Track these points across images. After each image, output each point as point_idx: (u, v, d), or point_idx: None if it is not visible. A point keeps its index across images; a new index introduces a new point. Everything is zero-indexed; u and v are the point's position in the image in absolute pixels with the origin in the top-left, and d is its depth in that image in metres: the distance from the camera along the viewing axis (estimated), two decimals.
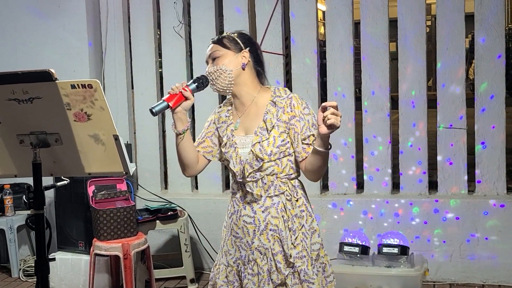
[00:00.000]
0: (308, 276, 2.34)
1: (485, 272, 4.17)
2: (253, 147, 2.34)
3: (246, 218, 2.38)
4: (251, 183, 2.35)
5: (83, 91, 1.99)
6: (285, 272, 2.34)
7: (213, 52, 2.39)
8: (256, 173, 2.34)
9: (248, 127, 2.41)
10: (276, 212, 2.35)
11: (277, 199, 2.36)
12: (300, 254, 2.35)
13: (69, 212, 4.29)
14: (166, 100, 2.29)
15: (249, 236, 2.37)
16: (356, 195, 4.49)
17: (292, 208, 2.38)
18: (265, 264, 2.36)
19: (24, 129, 2.10)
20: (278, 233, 2.35)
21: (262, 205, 2.36)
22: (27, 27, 4.85)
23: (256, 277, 2.36)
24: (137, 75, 4.88)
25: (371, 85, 4.42)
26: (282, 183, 2.37)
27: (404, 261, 3.77)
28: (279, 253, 2.35)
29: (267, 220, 2.35)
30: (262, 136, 2.35)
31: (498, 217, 4.15)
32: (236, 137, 2.41)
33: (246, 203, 2.38)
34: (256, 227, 2.36)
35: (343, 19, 4.43)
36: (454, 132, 4.28)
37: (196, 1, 4.70)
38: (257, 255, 2.36)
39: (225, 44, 2.39)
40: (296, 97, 2.40)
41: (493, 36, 4.15)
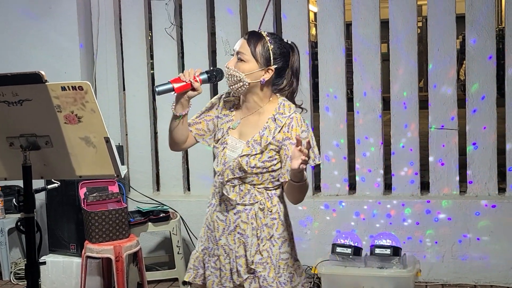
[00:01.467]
0: (267, 283, 2.35)
1: (477, 272, 4.19)
2: (241, 158, 2.33)
3: (219, 215, 2.42)
4: (229, 187, 2.36)
5: (73, 93, 1.98)
6: (244, 276, 2.37)
7: (241, 53, 2.32)
8: (235, 180, 2.35)
9: (243, 132, 2.39)
10: (246, 218, 2.37)
11: (250, 207, 2.37)
12: (262, 261, 2.36)
13: (60, 214, 4.27)
14: (172, 82, 2.25)
15: (218, 232, 2.41)
16: (348, 196, 4.49)
17: (263, 217, 2.36)
18: (227, 263, 2.40)
19: (14, 131, 2.09)
20: (244, 238, 2.37)
21: (235, 208, 2.38)
22: (18, 29, 4.82)
23: (218, 272, 2.42)
24: (128, 76, 4.86)
25: (363, 86, 4.42)
26: (258, 193, 2.36)
27: (396, 262, 3.77)
28: (242, 257, 2.37)
29: (237, 223, 2.38)
30: (252, 150, 2.33)
31: (490, 218, 4.17)
32: (229, 137, 2.39)
33: (223, 201, 2.41)
34: (226, 226, 2.40)
35: (335, 20, 4.43)
36: (445, 133, 4.29)
37: (187, 3, 4.69)
38: (221, 252, 2.41)
39: (256, 52, 2.30)
40: (297, 118, 2.34)
41: (484, 37, 4.17)
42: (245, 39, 2.34)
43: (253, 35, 2.34)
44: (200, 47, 4.68)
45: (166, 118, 4.72)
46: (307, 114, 4.52)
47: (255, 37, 2.33)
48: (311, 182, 4.57)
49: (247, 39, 2.34)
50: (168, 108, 4.68)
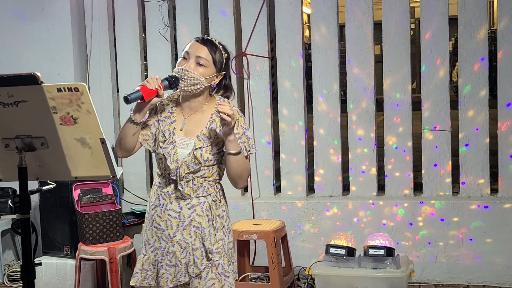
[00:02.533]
0: (225, 270, 2.52)
1: (470, 272, 4.21)
2: (195, 151, 2.46)
3: (172, 213, 2.50)
4: (183, 183, 2.47)
5: (69, 95, 1.98)
6: (200, 267, 2.49)
7: (202, 58, 2.45)
8: (190, 174, 2.47)
9: (190, 130, 2.51)
10: (201, 211, 2.50)
11: (203, 199, 2.51)
12: (218, 250, 2.52)
13: (54, 216, 4.26)
14: (141, 91, 2.31)
15: (171, 229, 2.50)
16: (342, 197, 4.51)
17: (216, 208, 2.53)
18: (183, 257, 2.49)
19: (9, 132, 2.08)
20: (200, 230, 2.50)
21: (189, 203, 2.50)
22: (11, 30, 4.81)
23: (173, 268, 2.50)
24: (122, 78, 4.85)
25: (356, 87, 4.44)
26: (209, 186, 2.52)
27: (390, 262, 3.79)
28: (198, 249, 2.49)
29: (192, 217, 2.50)
30: (203, 143, 2.48)
31: (482, 218, 4.19)
32: (176, 136, 2.50)
33: (174, 199, 2.50)
34: (180, 222, 2.50)
35: (328, 22, 4.45)
36: (438, 134, 4.31)
37: (181, 4, 4.69)
38: (177, 248, 2.49)
39: (215, 59, 2.48)
40: (238, 111, 2.52)
41: (476, 39, 4.20)
42: (202, 44, 2.47)
43: (209, 42, 2.49)
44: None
45: None
46: (301, 115, 4.54)
47: (213, 45, 2.49)
48: (305, 183, 4.58)
49: (206, 46, 2.47)
50: None
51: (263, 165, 4.63)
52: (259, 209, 4.56)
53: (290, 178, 4.60)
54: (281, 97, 4.59)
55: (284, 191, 4.63)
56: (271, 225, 4.02)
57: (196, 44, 2.48)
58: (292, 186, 4.60)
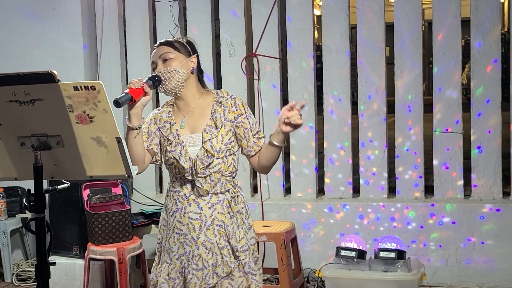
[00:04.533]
0: (251, 269, 2.48)
1: (481, 276, 4.18)
2: (205, 144, 2.43)
3: (192, 215, 2.46)
4: (201, 179, 2.43)
5: (86, 93, 1.97)
6: (231, 265, 2.45)
7: (165, 53, 2.46)
8: (206, 170, 2.43)
9: (194, 126, 2.49)
10: (222, 208, 2.46)
11: (222, 196, 2.47)
12: (243, 248, 2.48)
13: (63, 216, 4.25)
14: (129, 92, 2.30)
15: (194, 231, 2.45)
16: (352, 199, 4.48)
17: (235, 205, 2.50)
18: (210, 258, 2.44)
19: (25, 131, 2.07)
20: (224, 228, 2.45)
21: (208, 202, 2.46)
22: (22, 30, 4.81)
23: (200, 272, 2.43)
24: (132, 78, 4.79)
25: (367, 89, 4.42)
26: (227, 181, 2.48)
27: (401, 265, 3.76)
28: (225, 247, 2.45)
29: (214, 216, 2.45)
30: (211, 134, 2.45)
31: (494, 222, 4.16)
32: (182, 136, 2.47)
33: (192, 200, 2.46)
34: (202, 222, 2.45)
35: (340, 23, 4.43)
36: (450, 136, 4.29)
37: (192, 4, 4.68)
38: (202, 250, 2.44)
39: (176, 47, 2.48)
40: (238, 98, 2.53)
41: (489, 41, 4.17)
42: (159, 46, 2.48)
43: (164, 42, 2.50)
44: (205, 49, 4.67)
45: None
46: (311, 117, 4.52)
47: (167, 41, 2.50)
48: (315, 185, 4.56)
49: (163, 43, 2.48)
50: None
51: (273, 167, 4.58)
52: (269, 211, 4.54)
53: (300, 179, 4.58)
54: (292, 99, 4.57)
55: (294, 193, 4.62)
56: (280, 226, 4.00)
57: (155, 51, 2.49)
58: (302, 188, 4.58)
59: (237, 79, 4.60)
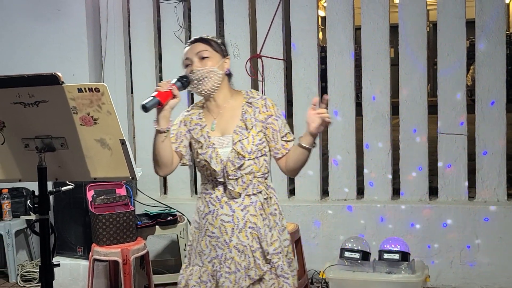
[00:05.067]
0: (284, 272, 2.43)
1: (486, 278, 4.17)
2: (235, 146, 2.40)
3: (224, 217, 2.42)
4: (233, 181, 2.41)
5: (90, 95, 1.98)
6: (264, 268, 2.41)
7: (203, 51, 2.41)
8: (237, 171, 2.40)
9: (224, 128, 2.46)
10: (254, 211, 2.42)
11: (255, 198, 2.43)
12: (276, 251, 2.43)
13: (67, 217, 4.26)
14: (156, 96, 2.27)
15: (226, 234, 2.42)
16: (356, 200, 4.48)
17: (268, 206, 2.46)
18: (243, 260, 2.41)
19: (29, 133, 2.08)
20: (256, 231, 2.41)
21: (241, 204, 2.42)
22: (26, 31, 4.82)
23: (233, 275, 2.40)
24: (136, 79, 4.86)
25: (371, 90, 4.42)
26: (259, 182, 2.45)
27: (405, 267, 3.75)
28: (257, 250, 2.41)
29: (246, 218, 2.41)
30: (241, 135, 2.41)
31: (499, 223, 4.15)
32: (213, 138, 2.44)
33: (224, 203, 2.43)
34: (234, 225, 2.41)
35: (344, 25, 4.43)
36: (454, 138, 4.28)
37: (196, 6, 4.69)
38: (235, 252, 2.41)
39: (213, 46, 2.44)
40: (269, 98, 2.50)
41: (494, 42, 4.16)
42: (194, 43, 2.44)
43: (199, 38, 2.46)
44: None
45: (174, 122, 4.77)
46: None
47: (203, 38, 2.46)
48: (319, 186, 4.56)
49: (198, 42, 2.44)
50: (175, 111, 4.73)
51: (277, 168, 4.58)
52: None
53: (304, 181, 4.57)
54: (296, 100, 4.57)
55: (298, 194, 4.61)
56: None
57: (190, 46, 2.44)
58: (306, 189, 4.58)
59: (241, 81, 4.59)
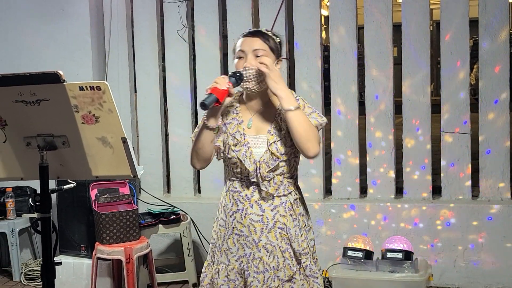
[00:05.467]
0: (313, 271, 2.43)
1: (489, 277, 4.16)
2: (270, 147, 2.36)
3: (254, 217, 2.39)
4: (266, 182, 2.36)
5: (91, 93, 1.98)
6: (294, 268, 2.39)
7: (261, 49, 2.35)
8: (270, 173, 2.36)
9: (259, 127, 2.41)
10: (284, 211, 2.40)
11: (285, 199, 2.41)
12: (305, 251, 2.42)
13: (71, 215, 4.27)
14: (215, 93, 2.20)
15: (255, 234, 2.38)
16: (359, 199, 4.48)
17: (297, 207, 2.44)
18: (272, 261, 2.38)
19: (31, 131, 2.09)
20: (286, 231, 2.39)
21: (271, 204, 2.39)
22: (30, 31, 4.83)
23: (261, 275, 2.38)
24: (140, 78, 4.86)
25: (374, 89, 4.41)
26: (289, 183, 2.42)
27: (408, 266, 3.75)
28: (286, 250, 2.39)
29: (276, 219, 2.39)
30: (276, 136, 2.37)
31: (502, 222, 4.14)
32: (248, 136, 2.40)
33: (254, 202, 2.39)
34: (264, 225, 2.39)
35: (347, 24, 4.42)
36: (458, 137, 4.27)
37: (199, 5, 4.69)
38: (264, 252, 2.38)
39: (271, 46, 2.38)
40: (302, 99, 2.44)
41: (498, 41, 4.15)
42: (253, 36, 2.37)
43: (259, 32, 2.40)
44: (212, 49, 4.68)
45: (177, 121, 4.79)
46: None
47: (263, 33, 2.40)
48: (322, 185, 4.56)
49: (257, 37, 2.37)
50: (178, 110, 4.76)
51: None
52: None
53: (307, 180, 4.57)
54: None
55: None
56: None
57: (247, 39, 2.37)
58: (309, 188, 4.57)
59: None
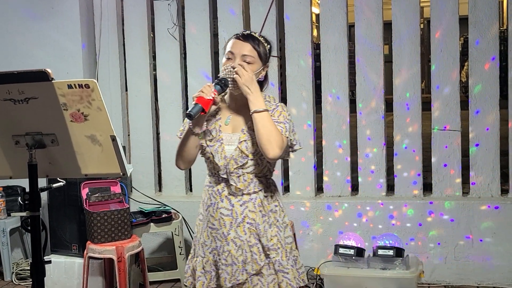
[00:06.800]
0: (283, 267, 2.48)
1: (480, 274, 4.18)
2: (240, 144, 2.44)
3: (224, 211, 2.48)
4: (235, 178, 2.45)
5: (80, 91, 1.97)
6: (260, 263, 2.46)
7: (249, 56, 2.42)
8: (239, 169, 2.45)
9: (236, 125, 2.49)
10: (253, 207, 2.48)
11: (255, 195, 2.49)
12: (275, 246, 2.48)
13: (62, 214, 4.25)
14: (200, 103, 2.30)
15: (225, 227, 2.47)
16: (350, 197, 4.49)
17: (268, 204, 2.51)
18: (240, 255, 2.46)
19: (19, 129, 2.08)
20: (255, 227, 2.47)
21: (240, 199, 2.48)
22: (20, 29, 4.81)
23: (230, 267, 2.46)
24: (131, 77, 4.85)
25: (365, 87, 4.42)
26: (260, 181, 2.50)
27: (399, 263, 3.76)
28: (255, 245, 2.47)
29: (245, 214, 2.47)
30: (248, 135, 2.45)
31: (493, 219, 4.16)
32: (223, 133, 2.49)
33: (224, 197, 2.48)
34: (233, 219, 2.47)
35: (338, 22, 4.43)
36: (448, 134, 4.29)
37: (190, 3, 4.68)
38: (232, 246, 2.46)
39: (261, 54, 2.44)
40: (283, 105, 2.51)
41: (487, 39, 4.17)
42: (245, 41, 2.42)
43: (251, 37, 2.45)
44: (203, 48, 4.68)
45: (168, 119, 4.78)
46: (310, 115, 4.53)
47: (255, 39, 2.45)
48: (313, 183, 4.57)
49: (248, 42, 2.43)
50: (170, 109, 4.76)
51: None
52: None
53: (299, 178, 4.58)
54: (290, 97, 4.58)
55: (293, 191, 4.62)
56: None
57: (239, 42, 2.43)
58: (300, 186, 4.58)
59: None
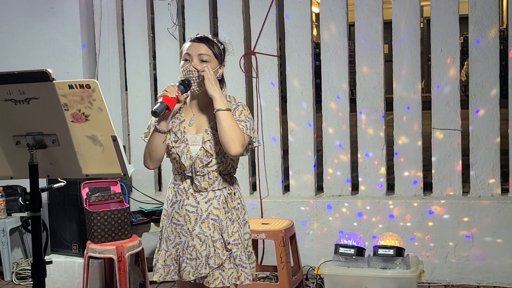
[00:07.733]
0: (242, 261, 2.62)
1: (480, 273, 4.18)
2: (204, 144, 2.57)
3: (189, 208, 2.60)
4: (199, 177, 2.58)
5: (80, 92, 1.97)
6: (223, 257, 2.58)
7: (205, 54, 2.57)
8: (204, 168, 2.56)
9: (200, 126, 2.61)
10: (218, 204, 2.60)
11: (219, 192, 2.61)
12: (236, 241, 2.61)
13: (62, 214, 4.25)
14: (165, 101, 2.44)
15: (190, 223, 2.60)
16: (351, 196, 4.49)
17: (231, 201, 2.64)
18: (204, 250, 2.58)
19: (20, 130, 2.07)
20: (218, 223, 2.60)
21: (205, 197, 2.60)
22: (20, 29, 4.81)
23: (194, 261, 2.59)
24: (131, 76, 4.85)
25: (365, 86, 4.42)
26: (224, 179, 2.62)
27: (399, 262, 3.76)
28: (218, 240, 2.59)
29: (209, 210, 2.60)
30: (212, 135, 2.57)
31: (493, 218, 4.16)
32: (187, 134, 2.60)
33: (190, 194, 2.60)
34: (198, 215, 2.59)
35: (338, 21, 4.43)
36: (448, 133, 4.29)
37: (190, 3, 4.68)
38: (197, 241, 2.59)
39: (215, 52, 2.60)
40: (243, 105, 2.63)
41: (488, 38, 4.17)
42: (199, 42, 2.58)
43: (205, 39, 2.61)
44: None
45: None
46: (310, 114, 4.53)
47: (209, 40, 2.61)
48: (314, 182, 4.57)
49: (203, 43, 2.58)
50: None
51: (272, 164, 4.62)
52: (268, 208, 4.54)
53: (299, 177, 4.58)
54: (290, 96, 4.58)
55: (293, 190, 4.62)
56: (279, 224, 4.00)
57: (194, 44, 2.58)
58: (300, 185, 4.58)
59: (235, 77, 4.60)
